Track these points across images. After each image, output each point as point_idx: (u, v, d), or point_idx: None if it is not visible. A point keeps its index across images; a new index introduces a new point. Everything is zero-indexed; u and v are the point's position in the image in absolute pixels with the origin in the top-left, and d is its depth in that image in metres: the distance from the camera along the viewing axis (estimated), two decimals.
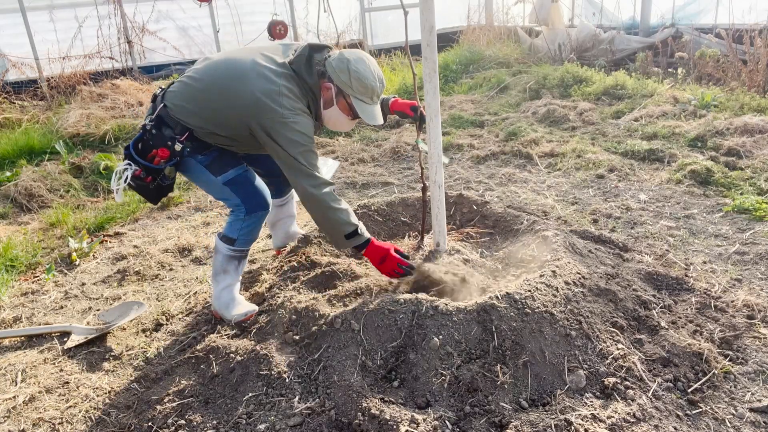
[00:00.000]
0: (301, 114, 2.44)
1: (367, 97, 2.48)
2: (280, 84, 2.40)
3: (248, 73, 2.41)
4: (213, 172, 2.61)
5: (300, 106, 2.44)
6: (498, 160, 5.19)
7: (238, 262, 2.78)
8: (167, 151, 2.50)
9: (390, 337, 2.27)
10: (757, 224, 3.57)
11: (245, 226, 2.69)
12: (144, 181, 2.54)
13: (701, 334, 2.48)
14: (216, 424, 2.11)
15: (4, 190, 4.83)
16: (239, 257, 2.78)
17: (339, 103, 2.52)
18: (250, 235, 2.73)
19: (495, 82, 7.81)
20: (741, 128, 5.05)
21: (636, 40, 8.53)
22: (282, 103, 2.38)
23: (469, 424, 1.99)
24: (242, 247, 2.75)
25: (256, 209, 2.68)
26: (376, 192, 4.70)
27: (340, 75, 2.44)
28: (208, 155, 2.60)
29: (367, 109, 2.50)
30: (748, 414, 2.09)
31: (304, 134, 2.42)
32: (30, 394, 2.43)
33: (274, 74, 2.42)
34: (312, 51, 2.52)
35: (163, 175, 2.59)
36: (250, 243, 2.78)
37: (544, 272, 2.52)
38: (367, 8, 10.29)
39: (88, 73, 7.95)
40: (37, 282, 3.51)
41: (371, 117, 2.52)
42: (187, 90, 2.53)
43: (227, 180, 2.61)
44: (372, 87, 2.47)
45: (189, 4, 8.91)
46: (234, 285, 2.79)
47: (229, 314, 2.72)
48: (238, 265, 2.79)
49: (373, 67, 2.49)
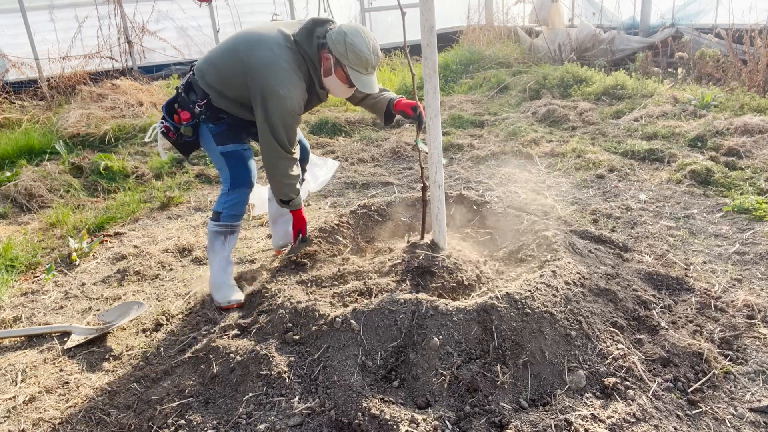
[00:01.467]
0: (293, 86, 2.67)
1: (362, 68, 2.67)
2: (279, 54, 2.65)
3: (258, 43, 2.69)
4: (216, 142, 2.90)
5: (294, 77, 2.67)
6: (498, 160, 5.19)
7: (224, 237, 2.99)
8: (188, 113, 2.85)
9: (390, 337, 2.27)
10: (757, 224, 3.57)
11: (229, 200, 2.94)
12: (168, 135, 2.92)
13: (701, 334, 2.48)
14: (216, 424, 2.11)
15: (4, 190, 4.83)
16: (225, 232, 2.98)
17: (337, 73, 2.74)
18: (233, 210, 2.95)
19: (495, 82, 7.81)
20: (741, 128, 5.05)
21: (636, 40, 8.53)
22: (278, 73, 2.63)
23: (469, 424, 1.99)
24: (227, 222, 2.96)
25: (239, 185, 2.93)
26: (376, 192, 4.70)
27: (337, 47, 2.65)
28: (219, 126, 2.88)
29: (362, 79, 2.71)
30: (748, 414, 2.09)
31: (288, 108, 2.67)
32: (30, 394, 2.43)
33: (278, 46, 2.68)
34: (315, 24, 2.77)
35: (181, 133, 2.90)
36: (235, 219, 2.99)
37: (544, 272, 2.52)
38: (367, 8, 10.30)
39: (88, 73, 7.95)
40: (37, 282, 3.51)
41: (365, 86, 2.73)
42: (210, 56, 2.86)
43: (225, 151, 2.90)
44: (366, 59, 2.65)
45: (189, 4, 8.91)
46: (227, 267, 3.01)
47: (216, 296, 2.98)
48: (225, 241, 2.99)
49: (369, 41, 2.66)
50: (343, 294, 2.66)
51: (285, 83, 2.63)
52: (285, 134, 2.72)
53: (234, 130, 2.91)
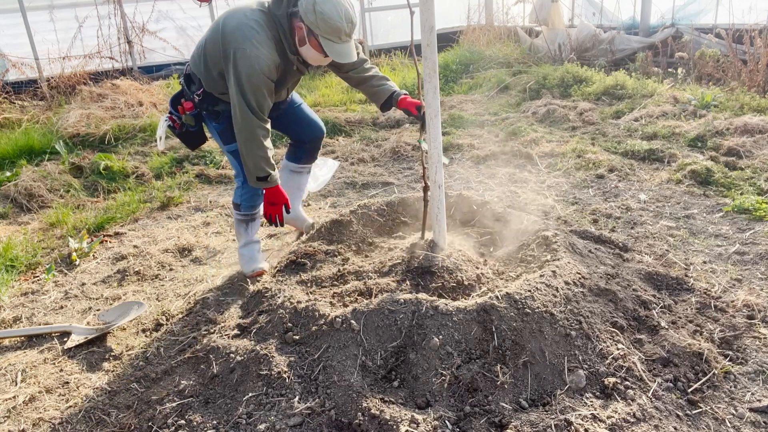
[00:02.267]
0: (261, 44, 2.60)
1: (334, 36, 2.59)
2: (249, 16, 2.64)
3: (233, 12, 2.71)
4: (223, 141, 3.00)
5: (263, 36, 2.62)
6: (498, 160, 5.19)
7: (246, 224, 3.22)
8: (191, 103, 2.92)
9: (390, 337, 2.27)
10: (757, 224, 3.57)
11: (244, 193, 3.11)
12: (174, 126, 3.02)
13: (701, 334, 2.48)
14: (216, 424, 2.11)
15: (4, 190, 4.83)
16: (247, 220, 3.21)
17: (311, 42, 2.66)
18: (250, 201, 3.14)
19: (495, 82, 7.81)
20: (741, 128, 5.05)
21: (636, 40, 8.53)
22: (245, 32, 2.60)
23: (469, 424, 1.99)
24: (246, 212, 3.18)
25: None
26: (376, 192, 4.70)
27: (308, 15, 2.56)
28: (220, 123, 2.95)
29: (335, 48, 2.63)
30: (748, 414, 2.09)
31: (256, 67, 2.58)
32: (30, 394, 2.43)
33: (250, 11, 2.68)
34: None
35: (184, 123, 2.99)
36: (254, 208, 3.18)
37: (544, 272, 2.52)
38: (367, 8, 10.29)
39: (88, 73, 7.95)
40: (37, 282, 3.51)
41: (339, 55, 2.65)
42: (199, 40, 2.89)
43: (232, 150, 2.98)
44: (337, 27, 2.56)
45: (189, 4, 8.91)
46: (251, 244, 3.25)
47: (244, 269, 3.26)
48: (247, 227, 3.23)
49: (340, 8, 2.56)
50: (343, 294, 2.66)
51: (252, 40, 2.58)
52: (253, 96, 2.62)
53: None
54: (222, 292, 3.16)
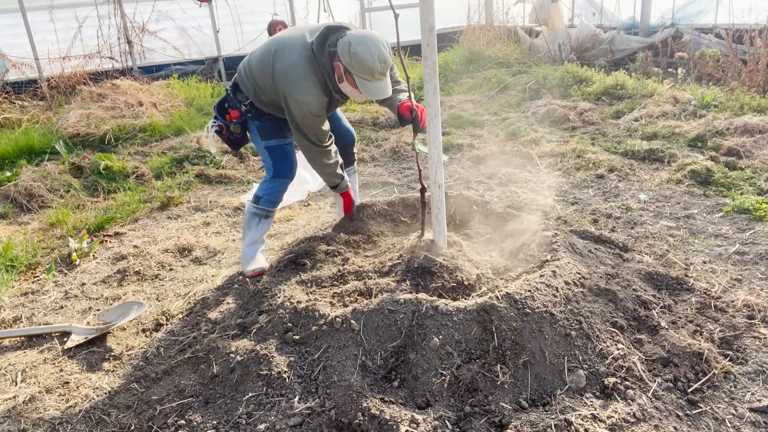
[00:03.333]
0: (308, 93, 2.83)
1: (368, 75, 2.71)
2: (297, 62, 2.82)
3: (282, 52, 2.88)
4: (261, 137, 3.16)
5: (310, 84, 2.82)
6: (498, 160, 5.19)
7: (258, 219, 3.27)
8: (237, 112, 3.12)
9: (390, 337, 2.27)
10: (757, 224, 3.57)
11: (269, 187, 3.23)
12: (221, 133, 3.22)
13: (701, 334, 2.48)
14: (216, 424, 2.11)
15: (4, 190, 4.83)
16: (261, 215, 3.27)
17: (347, 79, 2.81)
18: (272, 197, 3.24)
19: (495, 82, 7.81)
20: (741, 128, 5.05)
21: (636, 40, 8.53)
22: (294, 81, 2.81)
23: (469, 424, 1.99)
24: (264, 207, 3.24)
25: (281, 176, 3.22)
26: (376, 192, 4.70)
27: (344, 56, 2.71)
28: (264, 122, 3.14)
29: (367, 86, 2.76)
30: (748, 414, 2.09)
31: (306, 112, 2.85)
32: (30, 394, 2.43)
33: (297, 54, 2.84)
34: (329, 32, 2.84)
35: (231, 131, 3.20)
36: (273, 205, 3.27)
37: (544, 272, 2.52)
38: (367, 8, 10.30)
39: (88, 73, 7.95)
40: (37, 282, 3.51)
41: (372, 92, 2.79)
42: (249, 61, 3.07)
43: (268, 146, 3.17)
44: (370, 67, 2.68)
45: (189, 4, 8.91)
46: (256, 244, 3.30)
47: (245, 268, 3.25)
48: (259, 223, 3.27)
49: (374, 48, 2.68)
50: (343, 294, 2.66)
51: (300, 90, 2.81)
52: (310, 132, 2.94)
53: (277, 126, 3.13)
54: (222, 292, 3.16)
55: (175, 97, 7.59)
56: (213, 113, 3.24)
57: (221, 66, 9.44)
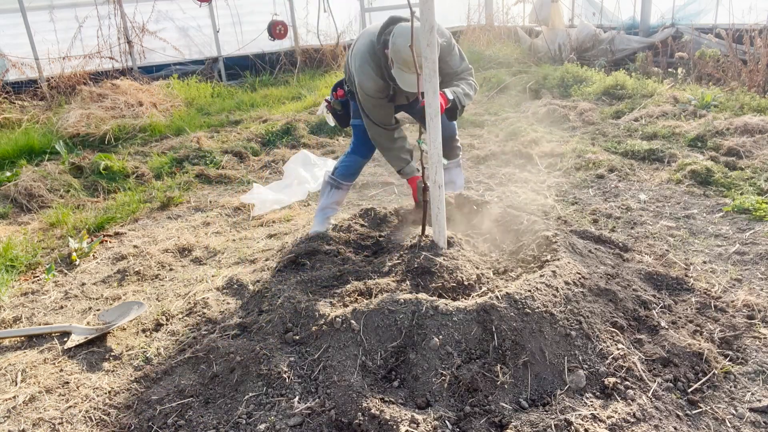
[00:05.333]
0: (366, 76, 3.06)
1: (403, 66, 2.87)
2: (361, 50, 3.09)
3: (360, 37, 3.21)
4: (353, 115, 3.46)
5: (368, 68, 3.05)
6: (498, 160, 5.19)
7: (330, 188, 3.59)
8: (343, 91, 3.45)
9: (390, 337, 2.27)
10: (757, 224, 3.57)
11: (345, 160, 3.56)
12: (328, 108, 3.56)
13: (701, 334, 2.48)
14: (216, 424, 2.11)
15: (4, 190, 4.83)
16: (333, 185, 3.58)
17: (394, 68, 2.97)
18: (346, 170, 3.55)
19: (495, 82, 7.81)
20: (741, 128, 5.05)
21: (636, 40, 8.53)
22: (357, 65, 3.08)
23: (469, 424, 1.99)
24: (337, 178, 3.55)
25: (356, 153, 3.53)
26: (376, 192, 4.70)
27: (389, 45, 2.93)
28: (356, 103, 3.34)
29: (402, 77, 2.91)
30: (748, 414, 2.09)
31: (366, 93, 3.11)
32: (30, 394, 2.43)
33: (365, 40, 3.12)
34: (390, 22, 3.09)
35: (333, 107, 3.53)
36: (345, 179, 3.56)
37: (544, 272, 2.52)
38: (367, 8, 10.30)
39: (88, 73, 7.95)
40: (37, 282, 3.51)
41: (406, 84, 2.92)
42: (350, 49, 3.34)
43: (355, 124, 3.47)
44: (404, 58, 2.82)
45: (189, 4, 8.91)
46: (326, 210, 3.61)
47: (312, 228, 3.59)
48: (329, 192, 3.59)
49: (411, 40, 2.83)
50: (343, 294, 2.66)
51: (359, 71, 3.07)
52: (370, 112, 3.18)
53: None
54: (222, 292, 3.16)
55: (175, 97, 7.59)
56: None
57: (221, 66, 9.44)
